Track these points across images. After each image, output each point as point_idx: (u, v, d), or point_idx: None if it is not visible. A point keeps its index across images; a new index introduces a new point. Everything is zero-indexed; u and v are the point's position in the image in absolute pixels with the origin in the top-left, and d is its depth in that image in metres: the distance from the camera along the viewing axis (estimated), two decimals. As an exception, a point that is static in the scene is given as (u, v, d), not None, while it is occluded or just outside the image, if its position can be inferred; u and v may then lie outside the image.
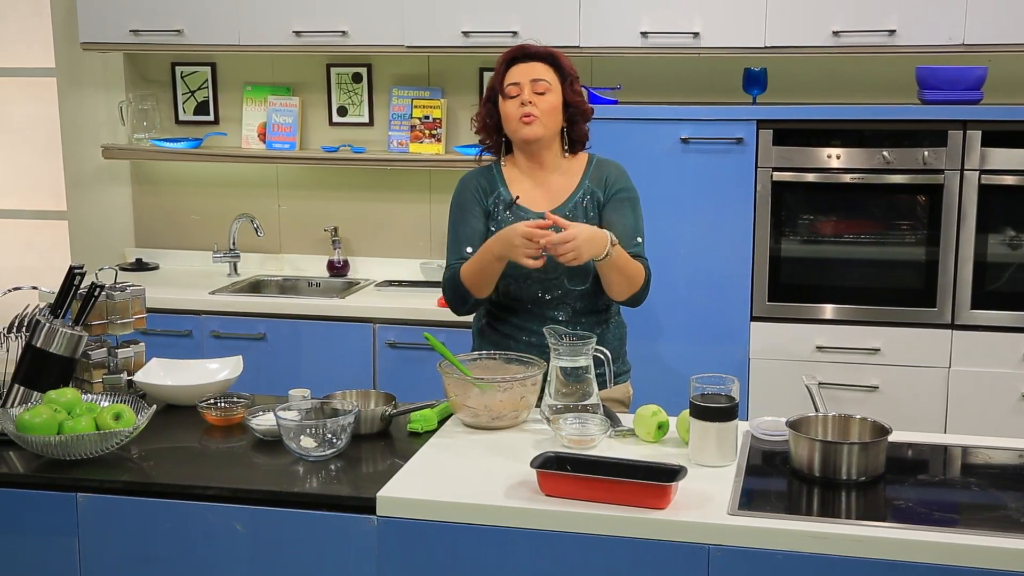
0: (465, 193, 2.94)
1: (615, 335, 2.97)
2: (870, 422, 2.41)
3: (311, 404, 2.61)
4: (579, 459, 2.33)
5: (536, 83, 2.83)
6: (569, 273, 2.83)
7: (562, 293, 2.87)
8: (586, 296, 2.88)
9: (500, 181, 2.93)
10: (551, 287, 2.86)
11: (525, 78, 2.84)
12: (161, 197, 4.94)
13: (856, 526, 2.10)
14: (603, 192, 2.90)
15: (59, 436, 2.40)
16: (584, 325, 2.87)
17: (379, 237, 4.74)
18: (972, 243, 3.76)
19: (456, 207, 2.95)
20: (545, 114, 2.83)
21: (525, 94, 2.83)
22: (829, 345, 3.88)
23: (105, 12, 4.47)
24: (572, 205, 2.89)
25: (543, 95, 2.83)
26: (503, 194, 2.91)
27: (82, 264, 2.68)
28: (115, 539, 2.38)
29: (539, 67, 2.86)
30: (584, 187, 2.91)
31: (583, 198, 2.89)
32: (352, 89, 4.67)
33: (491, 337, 2.94)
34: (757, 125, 3.85)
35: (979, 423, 3.75)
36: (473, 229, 2.89)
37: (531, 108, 2.82)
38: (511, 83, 2.85)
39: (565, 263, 2.66)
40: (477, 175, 2.97)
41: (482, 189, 2.93)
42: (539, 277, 2.84)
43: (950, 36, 3.83)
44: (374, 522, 2.26)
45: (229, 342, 4.22)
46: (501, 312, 2.93)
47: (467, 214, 2.91)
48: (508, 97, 2.85)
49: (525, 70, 2.85)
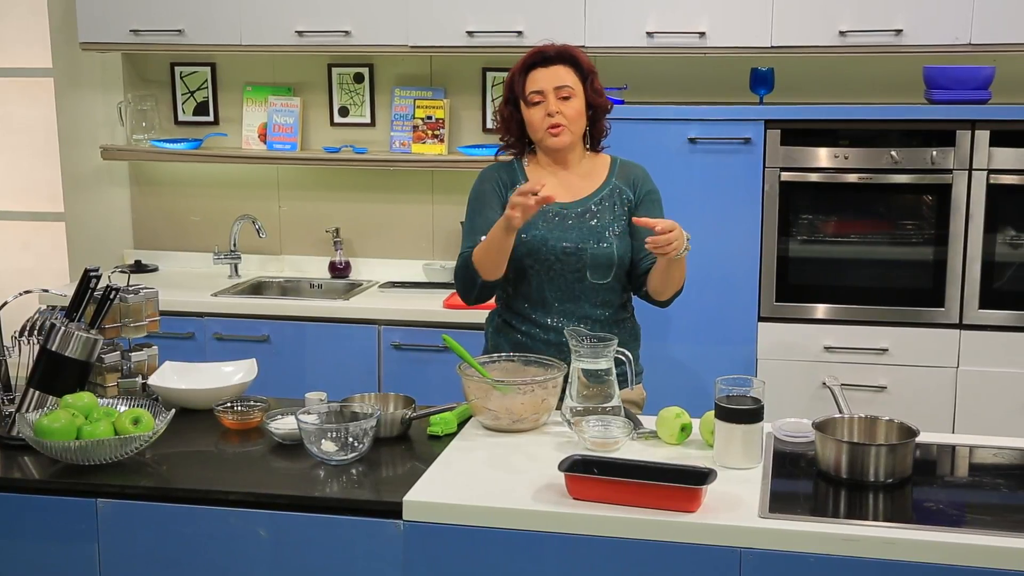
0: (484, 185, 2.94)
1: (631, 335, 2.95)
2: (896, 423, 2.41)
3: (328, 407, 2.59)
4: (606, 462, 2.31)
5: (560, 90, 2.82)
6: (592, 266, 2.82)
7: (582, 288, 2.85)
8: (605, 293, 2.87)
9: (522, 175, 2.92)
10: (572, 281, 2.84)
11: (548, 85, 2.82)
12: (160, 198, 4.91)
13: (888, 528, 2.09)
14: (633, 192, 2.90)
15: (78, 441, 2.37)
16: (602, 324, 2.85)
17: (381, 238, 4.72)
18: (980, 243, 3.76)
19: (474, 198, 2.94)
20: (572, 121, 2.83)
21: (550, 103, 2.81)
22: (837, 345, 3.87)
23: (104, 12, 4.43)
24: (598, 199, 2.89)
25: (567, 100, 2.82)
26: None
27: (98, 267, 2.65)
28: (136, 545, 2.35)
29: (560, 71, 2.83)
30: (611, 184, 2.91)
31: (610, 194, 2.89)
32: (354, 89, 4.64)
33: (508, 336, 2.93)
34: (765, 125, 3.84)
35: (987, 423, 3.75)
36: (489, 221, 2.82)
37: (559, 118, 2.82)
38: (534, 91, 2.83)
39: (669, 254, 2.62)
40: (498, 169, 2.96)
41: (502, 182, 2.92)
42: (560, 270, 2.83)
43: (956, 36, 3.83)
44: (400, 527, 2.24)
45: (232, 344, 4.19)
46: (518, 309, 2.91)
47: (484, 206, 2.90)
48: (531, 104, 2.84)
49: (547, 76, 2.83)
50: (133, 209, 4.93)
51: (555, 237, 2.83)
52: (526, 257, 2.84)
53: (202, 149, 4.68)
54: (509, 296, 2.93)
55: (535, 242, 2.83)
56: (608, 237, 2.84)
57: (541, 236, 2.83)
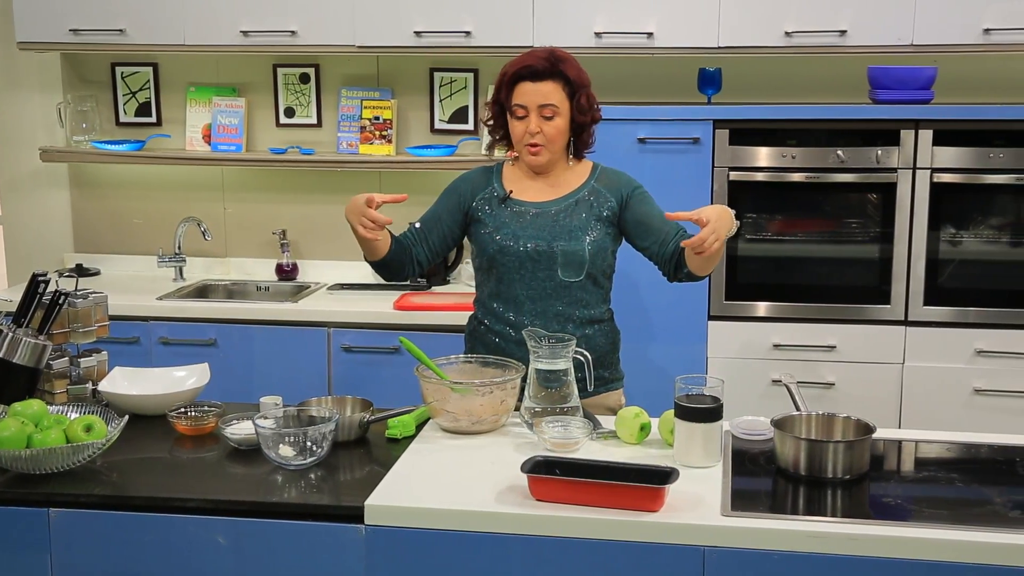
0: (456, 182, 2.98)
1: (608, 339, 2.93)
2: (853, 420, 2.43)
3: (285, 412, 2.56)
4: (568, 463, 2.31)
5: (544, 108, 2.78)
6: (563, 264, 2.82)
7: (553, 286, 2.84)
8: (578, 291, 2.85)
9: (497, 179, 2.94)
10: (543, 280, 2.84)
11: (532, 103, 2.79)
12: (102, 201, 4.82)
13: (849, 524, 2.11)
14: (617, 199, 2.88)
15: (29, 450, 2.32)
16: (576, 323, 2.84)
17: (329, 240, 4.67)
18: (924, 241, 3.82)
19: (444, 190, 2.98)
20: (552, 141, 2.82)
21: (532, 122, 2.79)
22: (786, 343, 3.91)
23: (43, 11, 4.34)
24: (574, 200, 2.88)
25: (550, 119, 2.80)
26: (497, 189, 2.91)
27: (45, 271, 2.59)
28: (90, 555, 2.30)
29: (547, 89, 2.79)
30: (589, 186, 2.89)
31: (588, 195, 2.88)
32: (299, 90, 4.59)
33: (483, 337, 2.92)
34: (713, 125, 3.86)
35: (932, 418, 3.81)
36: (436, 212, 2.94)
37: (539, 138, 2.80)
38: (518, 104, 2.80)
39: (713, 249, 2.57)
40: (478, 171, 2.99)
41: (474, 183, 2.94)
42: (531, 268, 2.83)
43: (899, 36, 3.89)
44: (362, 531, 2.22)
45: (179, 348, 4.13)
46: (492, 309, 2.90)
47: (441, 200, 2.96)
48: (515, 117, 2.83)
49: (533, 93, 2.79)
50: (74, 212, 4.84)
51: (526, 235, 2.84)
52: (498, 255, 2.84)
53: (145, 151, 4.60)
54: (484, 296, 2.93)
55: (505, 239, 2.84)
56: (580, 236, 2.83)
57: (512, 233, 2.84)
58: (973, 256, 3.87)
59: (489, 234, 2.86)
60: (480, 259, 2.92)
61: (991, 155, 3.76)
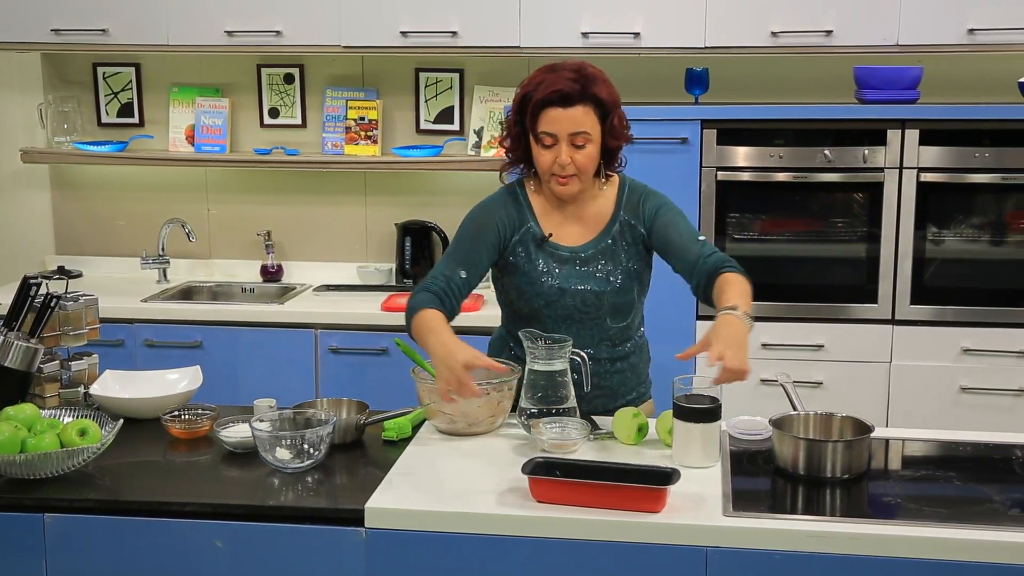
0: (488, 218, 2.69)
1: (642, 357, 2.86)
2: (851, 419, 2.44)
3: (281, 414, 2.54)
4: (569, 464, 2.30)
5: (575, 136, 2.56)
6: (611, 313, 2.71)
7: (600, 331, 2.73)
8: (623, 331, 2.78)
9: (530, 214, 2.70)
10: (591, 326, 2.72)
11: (563, 131, 2.55)
12: (84, 202, 4.78)
13: (850, 524, 2.12)
14: (643, 224, 2.70)
15: (24, 455, 2.29)
16: (623, 358, 2.78)
17: (314, 241, 4.65)
18: (911, 240, 3.84)
19: (472, 223, 2.71)
20: (583, 170, 2.60)
21: (562, 152, 2.57)
22: (774, 342, 3.92)
23: (24, 10, 4.29)
24: (609, 240, 2.69)
25: (581, 147, 2.58)
26: (534, 230, 2.69)
27: (37, 274, 2.56)
28: (86, 561, 2.28)
29: (577, 114, 2.55)
30: (619, 218, 2.70)
31: (620, 229, 2.70)
32: (284, 90, 4.57)
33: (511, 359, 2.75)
34: (701, 125, 3.87)
35: (920, 416, 3.83)
36: (477, 257, 2.67)
37: (569, 168, 2.59)
38: (546, 132, 2.57)
39: (734, 364, 2.33)
40: (505, 202, 2.72)
41: (510, 221, 2.69)
42: (579, 317, 2.69)
43: (885, 37, 3.91)
44: (362, 534, 2.20)
45: (164, 351, 4.10)
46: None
47: (479, 241, 2.67)
48: (542, 146, 2.60)
49: (564, 120, 2.55)
50: (55, 213, 4.80)
51: (572, 285, 2.67)
52: (544, 308, 2.69)
53: (127, 151, 4.56)
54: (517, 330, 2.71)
55: (551, 293, 2.68)
56: (624, 281, 2.70)
57: (557, 287, 2.67)
58: (959, 255, 3.89)
59: (531, 285, 2.69)
60: (518, 304, 2.74)
61: (976, 154, 3.79)
